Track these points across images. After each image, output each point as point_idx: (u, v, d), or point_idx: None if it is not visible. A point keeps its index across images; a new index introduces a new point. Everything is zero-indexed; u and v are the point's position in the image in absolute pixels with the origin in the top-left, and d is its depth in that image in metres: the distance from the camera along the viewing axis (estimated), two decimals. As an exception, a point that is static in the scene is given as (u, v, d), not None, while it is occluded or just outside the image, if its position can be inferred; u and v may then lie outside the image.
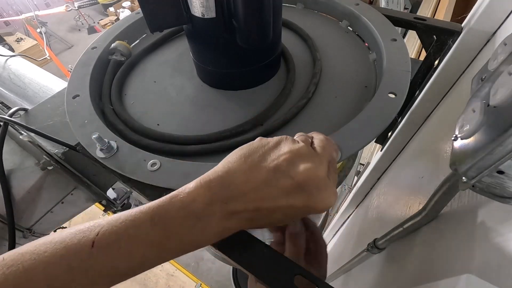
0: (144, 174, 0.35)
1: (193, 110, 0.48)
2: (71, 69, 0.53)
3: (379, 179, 0.83)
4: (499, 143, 0.19)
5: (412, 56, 1.34)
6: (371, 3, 1.89)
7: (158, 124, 0.46)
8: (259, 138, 0.28)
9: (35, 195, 0.59)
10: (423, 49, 0.58)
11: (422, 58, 0.60)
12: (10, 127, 0.54)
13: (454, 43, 0.52)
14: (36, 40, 4.63)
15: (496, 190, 0.21)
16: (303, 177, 0.24)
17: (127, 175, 0.36)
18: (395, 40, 0.48)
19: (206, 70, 0.50)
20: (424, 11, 2.19)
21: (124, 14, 5.27)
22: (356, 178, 1.55)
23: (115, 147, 0.38)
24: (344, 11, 0.59)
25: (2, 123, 0.50)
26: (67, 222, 0.69)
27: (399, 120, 0.69)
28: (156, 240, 0.23)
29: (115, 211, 0.89)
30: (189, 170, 0.35)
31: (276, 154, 0.26)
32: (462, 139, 0.23)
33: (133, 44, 0.63)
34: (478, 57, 0.50)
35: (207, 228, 0.24)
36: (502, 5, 0.43)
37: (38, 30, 4.26)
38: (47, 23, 5.04)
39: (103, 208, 0.97)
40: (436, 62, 0.57)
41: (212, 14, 0.39)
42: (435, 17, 1.95)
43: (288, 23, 0.61)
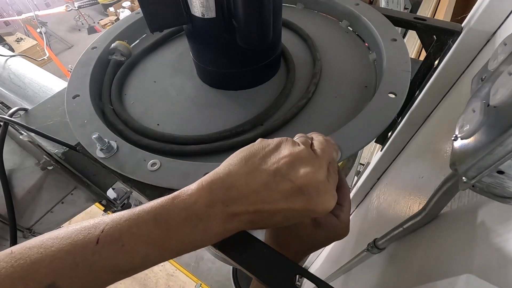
0: (144, 174, 0.35)
1: (193, 110, 0.48)
2: (71, 69, 0.53)
3: (379, 179, 0.83)
4: (499, 143, 0.19)
5: (412, 56, 1.34)
6: (371, 3, 1.89)
7: (158, 124, 0.46)
8: (260, 139, 0.28)
9: (35, 195, 0.59)
10: (423, 49, 0.58)
11: (422, 58, 0.60)
12: (10, 127, 0.54)
13: (454, 43, 0.52)
14: (36, 40, 4.63)
15: (496, 190, 0.21)
16: (303, 180, 0.25)
17: (127, 175, 0.36)
18: (395, 40, 0.48)
19: (206, 70, 0.50)
20: (424, 11, 2.19)
21: (124, 14, 5.27)
22: (356, 178, 1.55)
23: (115, 147, 0.38)
24: (344, 11, 0.59)
25: (2, 123, 0.50)
26: (67, 222, 0.69)
27: (399, 120, 0.69)
28: (158, 240, 0.23)
29: (115, 211, 0.90)
30: (189, 170, 0.35)
31: (277, 157, 0.26)
32: (462, 139, 0.23)
33: (133, 44, 0.63)
34: (478, 57, 0.50)
35: (208, 229, 0.25)
36: (502, 5, 0.43)
37: (38, 30, 4.26)
38: (47, 23, 5.04)
39: (103, 208, 0.97)
40: (436, 62, 0.57)
41: (212, 14, 0.39)
42: (435, 17, 1.95)
43: (288, 23, 0.61)
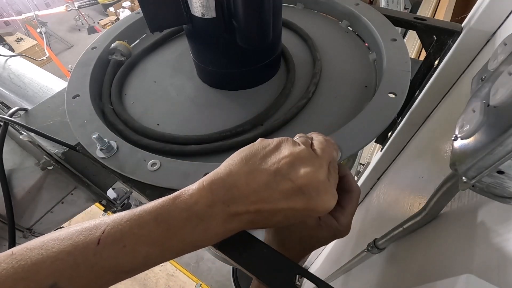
0: (144, 174, 0.35)
1: (193, 110, 0.48)
2: (71, 69, 0.53)
3: (379, 179, 0.83)
4: (499, 143, 0.19)
5: (412, 56, 1.34)
6: (371, 3, 1.89)
7: (158, 124, 0.46)
8: (260, 139, 0.28)
9: (35, 195, 0.59)
10: (423, 49, 0.58)
11: (422, 58, 0.60)
12: (10, 127, 0.54)
13: (454, 43, 0.52)
14: (36, 40, 4.63)
15: (496, 190, 0.21)
16: (303, 180, 0.25)
17: (127, 175, 0.36)
18: (395, 40, 0.48)
19: (206, 70, 0.50)
20: (424, 11, 2.19)
21: (124, 14, 5.27)
22: (356, 178, 1.55)
23: (115, 147, 0.38)
24: (344, 11, 0.59)
25: (2, 123, 0.50)
26: (67, 222, 0.69)
27: (399, 120, 0.69)
28: (159, 240, 0.24)
29: (115, 211, 0.89)
30: (189, 170, 0.35)
31: (277, 157, 0.26)
32: (462, 139, 0.23)
33: (133, 44, 0.63)
34: (478, 57, 0.50)
35: (209, 229, 0.25)
36: (502, 5, 0.43)
37: (38, 30, 4.27)
38: (47, 23, 5.04)
39: (103, 208, 0.98)
40: (436, 62, 0.57)
41: (212, 14, 0.39)
42: (435, 17, 1.95)
43: (288, 23, 0.61)
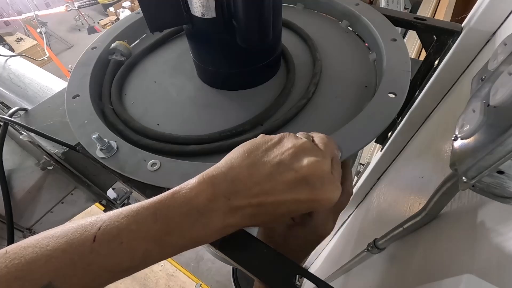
0: (144, 174, 0.35)
1: (193, 110, 0.48)
2: (71, 69, 0.53)
3: (379, 179, 0.83)
4: (499, 143, 0.19)
5: (412, 56, 1.34)
6: (371, 3, 1.89)
7: (158, 124, 0.46)
8: (262, 135, 0.28)
9: (35, 195, 0.59)
10: (423, 49, 0.58)
11: (422, 58, 0.60)
12: (10, 127, 0.54)
13: (454, 43, 0.52)
14: (36, 40, 4.63)
15: (496, 190, 0.21)
16: (307, 170, 0.24)
17: (127, 175, 0.36)
18: (395, 40, 0.48)
19: (206, 70, 0.50)
20: (424, 11, 2.19)
21: (124, 14, 5.27)
22: (356, 178, 1.55)
23: (115, 147, 0.38)
24: (344, 11, 0.59)
25: (2, 123, 0.50)
26: (67, 222, 0.69)
27: (399, 120, 0.69)
28: (158, 236, 0.23)
29: (115, 211, 0.89)
30: (189, 170, 0.35)
31: (280, 150, 0.26)
32: (462, 139, 0.23)
33: (133, 44, 0.63)
34: (478, 57, 0.50)
35: (209, 224, 0.24)
36: (502, 5, 0.43)
37: (38, 30, 4.26)
38: (47, 23, 5.04)
39: (103, 208, 0.98)
40: (436, 62, 0.57)
41: (212, 14, 0.39)
42: (435, 17, 1.95)
43: (288, 23, 0.60)
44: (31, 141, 0.54)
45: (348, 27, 0.60)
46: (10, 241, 0.51)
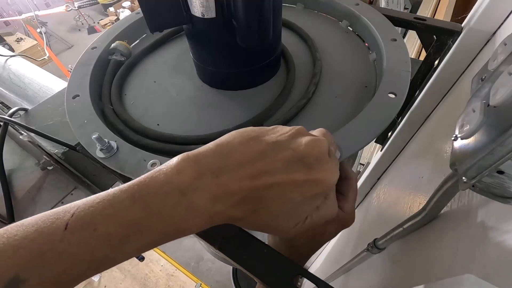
0: (144, 174, 0.35)
1: (193, 110, 0.48)
2: (71, 69, 0.53)
3: (379, 179, 0.83)
4: (499, 143, 0.19)
5: (412, 56, 1.34)
6: (371, 3, 1.89)
7: (158, 124, 0.46)
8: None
9: (35, 195, 0.59)
10: (423, 49, 0.58)
11: (422, 58, 0.60)
12: (10, 127, 0.54)
13: (454, 43, 0.52)
14: (36, 40, 4.63)
15: (496, 190, 0.21)
16: (304, 148, 0.23)
17: (127, 175, 0.36)
18: (395, 40, 0.48)
19: (206, 70, 0.50)
20: (424, 11, 2.19)
21: (124, 14, 5.27)
22: (356, 178, 1.54)
23: (115, 147, 0.38)
24: (344, 11, 0.59)
25: (2, 123, 0.50)
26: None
27: (399, 120, 0.69)
28: (135, 220, 0.20)
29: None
30: (189, 170, 0.35)
31: (276, 133, 0.24)
32: (462, 139, 0.23)
33: (133, 44, 0.63)
34: (478, 57, 0.50)
35: (193, 207, 0.21)
36: (502, 5, 0.43)
37: (38, 30, 4.26)
38: (47, 23, 5.04)
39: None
40: (436, 62, 0.57)
41: (212, 14, 0.39)
42: (435, 17, 1.95)
43: (288, 23, 0.60)
44: (31, 141, 0.54)
45: (348, 27, 0.60)
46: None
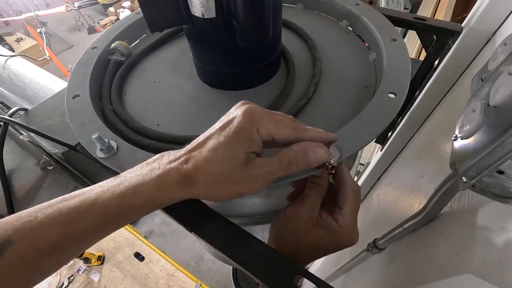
0: (144, 174, 0.35)
1: (193, 110, 0.48)
2: (71, 69, 0.53)
3: (379, 179, 0.83)
4: (499, 143, 0.19)
5: (412, 56, 1.34)
6: (371, 3, 1.89)
7: (158, 124, 0.46)
8: None
9: (35, 195, 0.59)
10: (423, 49, 0.58)
11: (422, 58, 0.60)
12: (10, 127, 0.54)
13: (454, 43, 0.52)
14: (36, 40, 4.63)
15: (496, 190, 0.21)
16: (241, 109, 0.28)
17: (127, 175, 0.36)
18: (395, 40, 0.48)
19: (206, 70, 0.50)
20: (424, 11, 2.19)
21: (124, 14, 5.27)
22: (356, 178, 1.55)
23: (115, 147, 0.38)
24: (344, 11, 0.59)
25: (2, 123, 0.50)
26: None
27: (399, 120, 0.69)
28: (114, 187, 0.26)
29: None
30: (189, 170, 0.35)
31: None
32: (462, 139, 0.23)
33: (133, 44, 0.63)
34: (478, 57, 0.50)
35: (160, 167, 0.27)
36: (502, 5, 0.43)
37: (38, 30, 4.26)
38: (47, 23, 5.04)
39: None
40: (436, 62, 0.57)
41: (212, 14, 0.39)
42: (435, 17, 1.95)
43: (288, 23, 0.60)
44: (31, 141, 0.54)
45: (348, 27, 0.60)
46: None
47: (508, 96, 0.20)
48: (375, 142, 0.81)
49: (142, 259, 2.29)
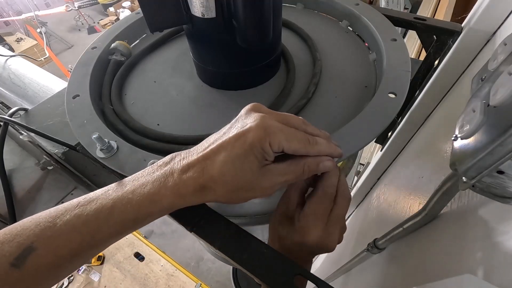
0: (144, 174, 0.35)
1: (193, 110, 0.48)
2: (71, 69, 0.53)
3: (379, 179, 0.83)
4: (499, 143, 0.19)
5: (412, 56, 1.34)
6: (371, 3, 1.89)
7: (158, 124, 0.46)
8: None
9: (35, 195, 0.59)
10: (423, 49, 0.58)
11: (422, 58, 0.60)
12: (10, 127, 0.54)
13: (454, 43, 0.52)
14: (36, 40, 4.63)
15: (496, 190, 0.21)
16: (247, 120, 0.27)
17: (127, 175, 0.35)
18: (395, 40, 0.48)
19: (206, 70, 0.50)
20: (424, 11, 2.19)
21: (124, 14, 5.27)
22: (356, 178, 1.55)
23: (115, 147, 0.38)
24: (344, 11, 0.59)
25: (2, 123, 0.50)
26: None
27: (399, 120, 0.69)
28: (123, 194, 0.27)
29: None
30: (189, 170, 0.35)
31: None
32: (462, 139, 0.23)
33: (133, 44, 0.63)
34: (478, 57, 0.50)
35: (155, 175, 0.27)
36: (502, 5, 0.43)
37: (38, 30, 4.26)
38: (47, 23, 5.04)
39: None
40: (436, 62, 0.57)
41: (212, 14, 0.39)
42: (435, 17, 1.95)
43: (288, 23, 0.60)
44: (31, 141, 0.54)
45: (348, 27, 0.60)
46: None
47: (508, 96, 0.20)
48: (375, 142, 0.81)
49: (142, 259, 2.29)
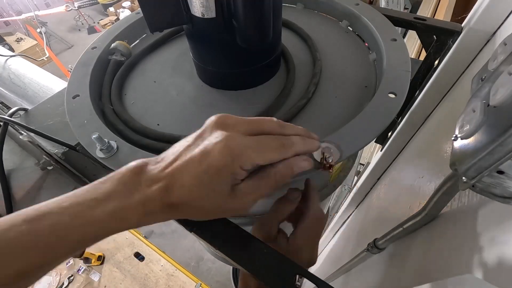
0: (144, 174, 0.35)
1: (193, 110, 0.48)
2: (71, 69, 0.53)
3: (379, 179, 0.83)
4: (499, 143, 0.19)
5: (412, 56, 1.34)
6: (371, 3, 1.89)
7: (158, 124, 0.46)
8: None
9: (35, 195, 0.58)
10: (423, 49, 0.58)
11: (422, 58, 0.60)
12: (10, 127, 0.54)
13: (454, 43, 0.52)
14: (36, 40, 4.63)
15: (496, 190, 0.21)
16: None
17: (127, 175, 0.36)
18: (395, 40, 0.48)
19: (206, 70, 0.50)
20: (424, 11, 2.19)
21: (124, 14, 5.27)
22: (356, 178, 1.55)
23: (115, 147, 0.38)
24: (344, 11, 0.59)
25: (2, 123, 0.50)
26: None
27: (399, 120, 0.69)
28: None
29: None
30: (189, 170, 0.35)
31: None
32: (462, 139, 0.23)
33: (133, 44, 0.63)
34: (478, 57, 0.50)
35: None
36: (502, 5, 0.43)
37: (38, 30, 4.26)
38: (47, 23, 5.04)
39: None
40: (436, 62, 0.57)
41: (212, 14, 0.39)
42: (435, 17, 1.95)
43: (288, 23, 0.60)
44: (31, 141, 0.54)
45: (348, 27, 0.60)
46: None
47: (508, 96, 0.20)
48: (375, 142, 0.81)
49: (142, 259, 2.29)
